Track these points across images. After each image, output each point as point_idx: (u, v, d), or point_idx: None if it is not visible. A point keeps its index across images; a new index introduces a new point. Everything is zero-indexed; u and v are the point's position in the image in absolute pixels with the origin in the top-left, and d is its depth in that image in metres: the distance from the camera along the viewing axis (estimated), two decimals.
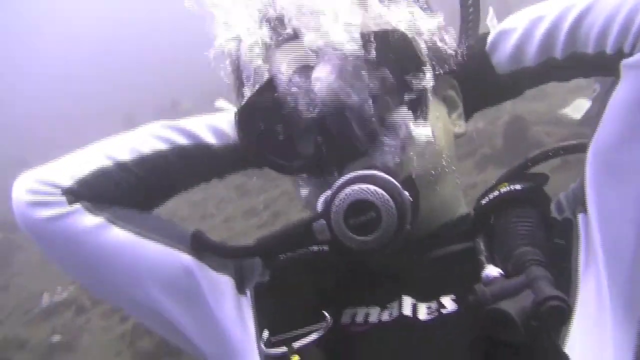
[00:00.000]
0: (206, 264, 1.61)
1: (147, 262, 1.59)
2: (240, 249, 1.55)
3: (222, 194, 9.66)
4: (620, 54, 1.37)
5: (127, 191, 1.61)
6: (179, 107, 18.30)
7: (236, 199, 9.47)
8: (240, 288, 1.64)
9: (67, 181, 1.59)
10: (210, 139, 1.64)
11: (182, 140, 1.64)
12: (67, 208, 1.57)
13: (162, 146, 1.63)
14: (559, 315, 1.26)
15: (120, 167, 1.61)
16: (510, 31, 1.53)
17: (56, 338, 8.15)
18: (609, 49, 1.39)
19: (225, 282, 1.62)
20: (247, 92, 1.52)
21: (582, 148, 1.51)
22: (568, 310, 1.28)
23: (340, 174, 1.39)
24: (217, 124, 1.66)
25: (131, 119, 19.19)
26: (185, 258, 1.59)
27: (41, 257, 1.68)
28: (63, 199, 1.57)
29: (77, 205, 1.58)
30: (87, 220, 1.58)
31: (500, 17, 1.61)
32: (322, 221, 1.38)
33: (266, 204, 9.50)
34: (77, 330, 7.79)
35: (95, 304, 8.44)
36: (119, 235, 1.58)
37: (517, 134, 9.03)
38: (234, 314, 1.60)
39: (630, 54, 1.36)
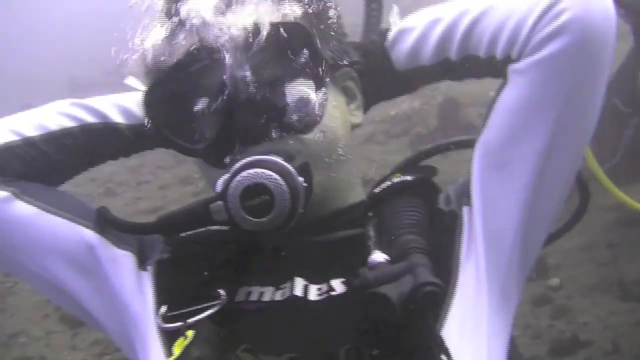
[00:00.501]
0: (108, 240, 1.63)
1: (49, 236, 1.61)
2: (141, 225, 1.60)
3: (159, 160, 9.60)
4: (508, 59, 1.46)
5: (34, 167, 1.63)
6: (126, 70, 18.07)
7: (174, 165, 9.42)
8: (141, 264, 1.66)
9: None
10: (118, 118, 1.67)
11: (90, 119, 1.66)
12: None
13: (69, 124, 1.65)
14: (433, 299, 1.35)
15: (27, 143, 1.62)
16: (410, 30, 1.60)
17: None
18: (498, 53, 1.48)
19: (126, 257, 1.65)
20: (154, 74, 1.58)
21: (472, 144, 1.59)
22: (442, 295, 1.37)
23: (239, 159, 1.45)
24: (125, 103, 1.68)
25: (75, 81, 18.93)
26: (87, 233, 1.62)
27: None
28: None
29: None
30: None
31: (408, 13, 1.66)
32: (220, 202, 1.44)
33: None
34: (4, 292, 7.70)
35: None
36: (23, 210, 1.60)
37: (450, 114, 9.15)
38: (134, 288, 1.63)
39: (517, 60, 1.44)
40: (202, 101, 1.55)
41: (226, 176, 1.45)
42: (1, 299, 7.81)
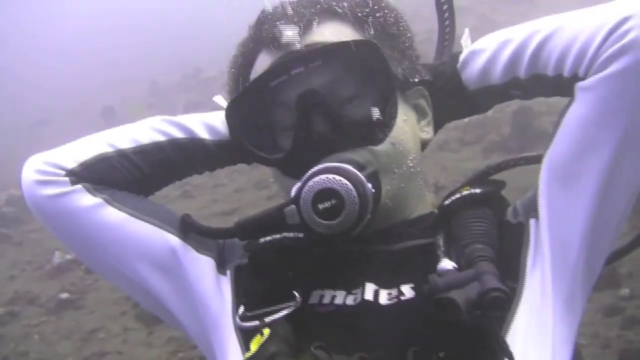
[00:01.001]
0: (190, 245, 1.72)
1: (136, 240, 1.70)
2: (221, 230, 1.70)
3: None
4: (575, 77, 1.49)
5: (125, 177, 1.73)
6: (201, 75, 18.40)
7: (249, 169, 9.58)
8: (221, 268, 1.74)
9: (71, 164, 1.70)
10: (204, 134, 1.75)
11: (179, 134, 1.75)
12: (69, 188, 1.69)
13: (159, 138, 1.74)
14: (499, 305, 1.37)
15: (120, 154, 1.72)
16: (480, 51, 1.65)
17: (65, 295, 8.27)
18: (566, 71, 1.50)
19: (206, 262, 1.73)
20: (238, 89, 1.71)
21: (540, 160, 1.61)
22: (508, 301, 1.39)
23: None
24: (212, 121, 1.77)
25: (155, 85, 19.38)
26: (172, 239, 1.70)
27: None
28: (66, 179, 1.69)
29: (79, 186, 1.70)
30: (87, 199, 1.70)
31: (483, 33, 1.71)
32: (293, 206, 1.51)
33: None
34: (85, 289, 7.94)
35: None
36: (114, 215, 1.69)
37: (524, 122, 9.09)
38: (213, 290, 1.70)
39: (584, 78, 1.47)
40: (280, 115, 1.65)
41: (300, 183, 1.52)
42: (82, 295, 8.09)
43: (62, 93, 21.63)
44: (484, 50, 1.65)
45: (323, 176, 1.47)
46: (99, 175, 1.72)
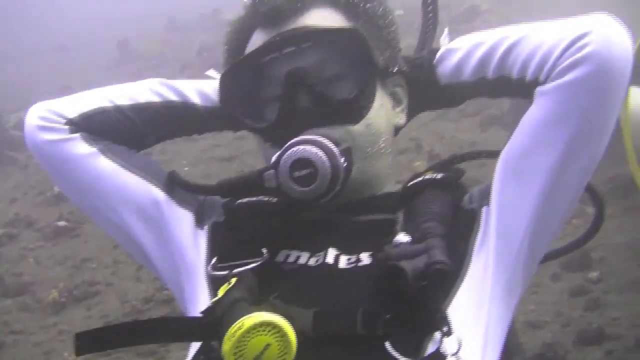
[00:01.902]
0: (173, 199, 1.89)
1: (124, 189, 1.87)
2: (203, 186, 1.88)
3: None
4: (536, 82, 1.65)
5: (121, 131, 1.89)
6: (219, 16, 18.34)
7: None
8: (199, 223, 1.91)
9: (72, 114, 1.86)
10: (196, 100, 1.92)
11: (173, 97, 1.91)
12: (68, 135, 1.86)
13: (155, 99, 1.90)
14: (442, 276, 1.54)
15: (118, 109, 1.88)
16: (455, 50, 1.82)
17: (62, 223, 8.46)
18: (528, 76, 1.67)
19: (186, 216, 1.90)
20: (231, 60, 1.89)
21: (499, 154, 1.79)
22: (451, 276, 1.57)
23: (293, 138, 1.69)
24: (204, 88, 1.93)
25: (172, 22, 19.29)
26: (157, 192, 1.88)
27: None
28: (66, 127, 1.86)
29: (76, 135, 1.86)
30: (82, 148, 1.86)
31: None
32: (272, 171, 1.67)
33: None
34: (82, 220, 8.08)
35: None
36: (106, 165, 1.86)
37: (524, 100, 9.05)
38: (190, 242, 1.87)
39: (544, 83, 1.63)
40: (268, 88, 1.81)
41: (280, 151, 1.68)
42: (78, 225, 8.28)
43: (81, 21, 21.55)
44: (458, 49, 1.80)
45: (301, 147, 1.63)
46: (96, 126, 1.88)
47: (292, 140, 1.66)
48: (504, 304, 1.69)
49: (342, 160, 1.63)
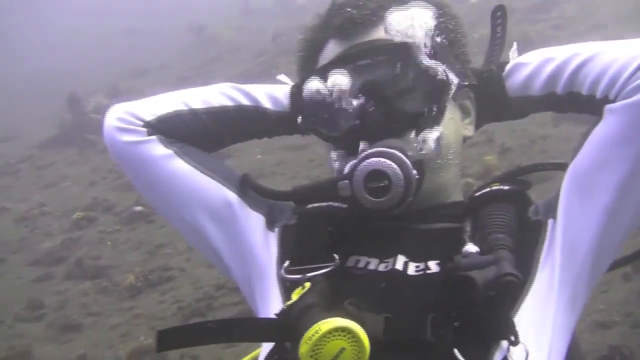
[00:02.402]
0: (245, 202, 1.92)
1: (198, 191, 1.89)
2: (277, 192, 1.90)
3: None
4: (605, 99, 1.64)
5: (195, 133, 1.91)
6: (293, 2, 18.35)
7: None
8: (270, 225, 1.90)
9: (149, 117, 1.88)
10: (267, 104, 1.91)
11: (245, 101, 1.91)
12: (146, 137, 1.87)
13: (228, 103, 1.92)
14: (511, 288, 1.56)
15: (193, 113, 1.89)
16: (525, 64, 1.82)
17: (138, 208, 8.75)
18: (598, 93, 1.66)
19: (257, 218, 1.91)
20: (309, 73, 1.88)
21: (566, 167, 1.78)
22: (519, 287, 1.59)
23: (367, 149, 1.71)
24: (275, 92, 1.95)
25: (248, 6, 19.45)
26: (230, 194, 1.89)
27: None
28: (144, 130, 1.87)
29: (154, 137, 1.87)
30: (160, 150, 1.87)
31: (521, 52, 1.90)
32: (347, 181, 1.66)
33: None
34: None
35: None
36: (182, 166, 1.88)
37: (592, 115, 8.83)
38: (261, 243, 1.87)
39: (613, 101, 1.63)
40: (342, 99, 1.81)
41: (354, 161, 1.67)
42: (154, 210, 8.50)
43: (152, 4, 21.88)
44: (528, 63, 1.81)
45: (376, 159, 1.63)
46: (173, 129, 1.89)
47: (367, 152, 1.67)
48: (567, 316, 1.71)
49: (414, 172, 1.65)
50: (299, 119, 1.86)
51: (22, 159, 13.98)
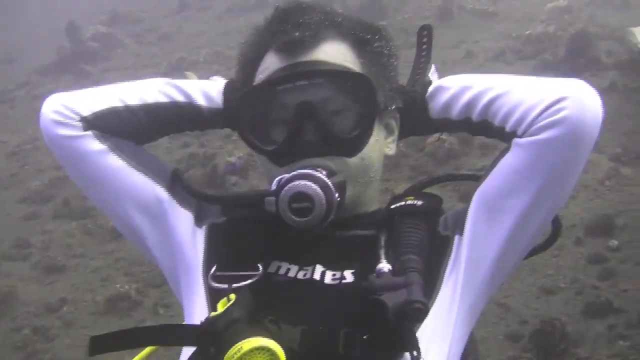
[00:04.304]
0: (175, 199, 1.97)
1: (130, 186, 1.95)
2: (205, 194, 1.97)
3: None
4: (514, 133, 1.78)
5: (130, 128, 1.96)
6: None
7: None
8: (198, 222, 1.98)
9: (86, 112, 1.91)
10: (201, 100, 1.97)
11: (179, 98, 1.97)
12: (81, 132, 1.91)
13: (163, 99, 1.97)
14: (418, 315, 1.67)
15: (128, 109, 1.94)
16: (446, 88, 1.92)
17: None
18: (508, 127, 1.79)
19: (186, 215, 1.97)
20: (244, 77, 1.99)
21: (476, 179, 1.91)
22: (426, 313, 1.69)
23: (295, 165, 1.78)
24: (208, 89, 2.00)
25: None
26: (160, 190, 1.96)
27: None
28: (80, 124, 1.91)
29: (89, 132, 1.91)
30: (94, 145, 1.92)
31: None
32: (273, 198, 1.74)
33: None
34: None
35: None
36: (115, 162, 1.93)
37: (580, 48, 9.11)
38: (189, 240, 1.94)
39: (521, 136, 1.77)
40: (278, 114, 1.90)
41: (282, 178, 1.75)
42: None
43: None
44: (448, 88, 1.91)
45: (302, 182, 1.71)
46: (108, 125, 1.94)
47: (294, 172, 1.74)
48: (466, 324, 1.81)
49: (337, 195, 1.72)
50: (237, 129, 1.94)
51: (19, 86, 14.04)
